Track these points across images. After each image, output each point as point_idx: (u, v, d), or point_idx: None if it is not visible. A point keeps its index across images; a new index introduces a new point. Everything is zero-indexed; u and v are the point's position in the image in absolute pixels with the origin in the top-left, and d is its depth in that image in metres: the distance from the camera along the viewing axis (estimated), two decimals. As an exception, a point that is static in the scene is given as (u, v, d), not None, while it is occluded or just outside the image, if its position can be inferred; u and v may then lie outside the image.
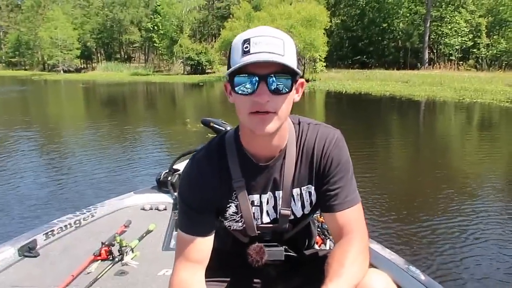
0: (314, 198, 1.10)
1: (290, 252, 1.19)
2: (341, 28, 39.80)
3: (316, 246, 1.89)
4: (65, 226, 2.42)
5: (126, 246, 2.15)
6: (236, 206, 1.08)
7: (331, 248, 1.33)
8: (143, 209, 2.80)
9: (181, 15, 40.78)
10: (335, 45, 37.20)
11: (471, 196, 4.92)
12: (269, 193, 1.08)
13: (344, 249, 0.99)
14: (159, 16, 41.98)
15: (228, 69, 0.94)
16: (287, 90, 0.92)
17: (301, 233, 1.22)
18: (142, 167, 6.42)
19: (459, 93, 17.58)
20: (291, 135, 1.07)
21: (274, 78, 0.90)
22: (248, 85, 0.90)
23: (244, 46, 0.90)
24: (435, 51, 34.48)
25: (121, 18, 51.71)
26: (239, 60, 0.90)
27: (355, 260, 0.97)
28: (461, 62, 32.15)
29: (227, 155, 1.06)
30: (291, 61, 0.90)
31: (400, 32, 36.50)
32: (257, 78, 0.89)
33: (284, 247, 1.16)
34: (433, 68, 31.20)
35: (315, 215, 1.34)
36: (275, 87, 0.90)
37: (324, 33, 25.52)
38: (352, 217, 1.04)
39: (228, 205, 1.08)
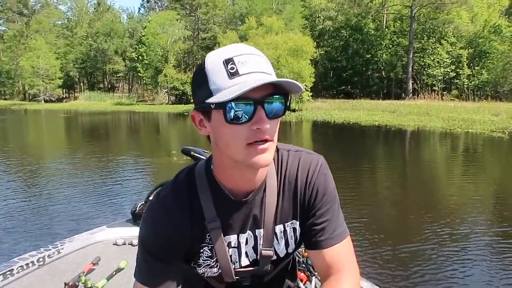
0: (299, 234, 0.98)
1: None
2: (325, 59, 40.30)
3: (301, 285, 1.81)
4: (27, 264, 2.16)
5: (91, 287, 2.00)
6: (211, 250, 0.93)
7: (317, 287, 1.20)
8: (116, 244, 2.55)
9: (166, 45, 40.82)
10: (320, 76, 37.47)
11: (462, 226, 4.96)
12: (248, 232, 0.95)
13: None
14: (144, 46, 41.95)
15: (203, 96, 0.80)
16: (282, 113, 0.82)
17: (282, 273, 1.09)
18: (119, 198, 6.23)
19: (447, 123, 17.54)
20: (271, 164, 0.93)
21: (270, 101, 0.79)
22: (245, 112, 0.78)
23: (229, 66, 0.77)
24: (418, 81, 34.99)
25: (105, 48, 51.47)
26: (227, 84, 0.77)
27: None
28: (444, 92, 32.64)
29: (198, 191, 0.92)
30: (275, 78, 0.78)
31: (383, 63, 37.07)
32: (252, 103, 0.77)
33: None
34: (417, 98, 31.57)
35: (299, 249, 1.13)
36: (272, 111, 0.80)
37: (310, 64, 25.61)
38: (341, 253, 0.93)
39: (202, 250, 0.93)
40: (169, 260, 0.90)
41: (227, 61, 0.78)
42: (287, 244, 0.98)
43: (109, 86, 57.50)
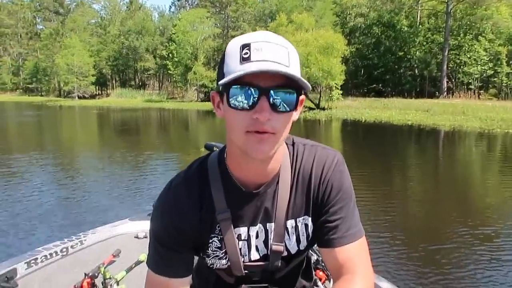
0: (311, 231, 0.95)
1: None
2: (356, 56, 39.49)
3: (320, 284, 1.78)
4: (50, 254, 2.19)
5: (110, 278, 2.01)
6: (220, 241, 0.92)
7: None
8: (137, 237, 2.54)
9: (195, 43, 41.13)
10: (350, 73, 36.73)
11: (495, 228, 4.69)
12: (259, 225, 0.93)
13: None
14: (174, 44, 42.42)
15: (220, 77, 0.80)
16: (290, 108, 0.79)
17: (295, 271, 1.06)
18: (143, 192, 6.34)
19: (485, 123, 16.79)
20: (286, 157, 0.92)
21: (277, 93, 0.76)
22: (247, 99, 0.76)
23: (243, 52, 0.76)
24: (453, 79, 33.81)
25: (136, 46, 52.41)
26: (236, 68, 0.76)
27: None
28: (481, 91, 31.40)
29: (210, 182, 0.91)
30: (296, 72, 0.77)
31: (417, 61, 35.99)
32: (258, 91, 0.75)
33: None
34: (452, 96, 30.54)
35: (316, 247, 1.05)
36: (278, 103, 0.77)
37: (341, 61, 25.13)
38: (354, 253, 0.89)
39: (211, 240, 0.92)
40: (179, 249, 0.90)
41: (244, 46, 0.77)
42: (298, 241, 0.95)
43: (140, 84, 58.55)
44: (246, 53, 0.76)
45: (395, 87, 36.74)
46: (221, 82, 0.77)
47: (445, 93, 32.30)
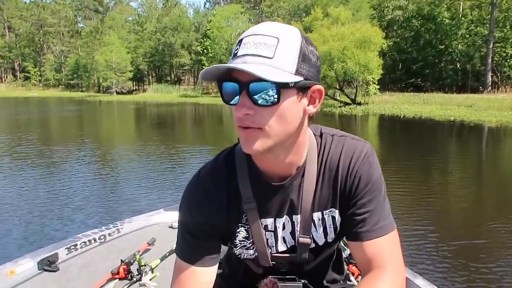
0: (338, 223, 0.93)
1: None
2: (394, 50, 38.32)
3: (352, 278, 1.77)
4: (89, 241, 2.31)
5: (145, 265, 2.09)
6: (247, 231, 0.93)
7: None
8: (171, 227, 2.62)
9: (230, 39, 41.23)
10: (388, 68, 35.67)
11: None
12: (286, 217, 0.92)
13: (370, 286, 0.81)
14: (208, 39, 42.80)
15: None
16: (271, 101, 0.75)
17: (325, 264, 1.05)
18: (178, 183, 6.51)
19: (536, 119, 15.78)
20: (312, 149, 0.90)
21: (256, 87, 0.74)
22: (232, 94, 0.78)
23: (236, 47, 0.78)
24: (498, 73, 32.17)
25: (172, 42, 53.25)
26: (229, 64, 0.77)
27: None
28: (529, 86, 29.73)
29: (237, 172, 0.91)
30: (282, 64, 0.74)
31: (459, 54, 34.48)
32: (238, 86, 0.76)
33: (303, 281, 0.99)
34: (497, 91, 28.98)
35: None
36: (257, 97, 0.75)
37: (378, 55, 24.42)
38: (384, 247, 0.86)
39: (238, 230, 0.93)
40: (206, 238, 0.91)
41: (238, 42, 0.78)
42: (325, 233, 0.94)
43: (176, 79, 59.54)
44: (236, 49, 0.77)
45: (435, 82, 35.37)
46: (206, 79, 0.79)
47: (490, 87, 30.73)
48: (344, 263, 1.73)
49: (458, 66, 35.46)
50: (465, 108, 20.55)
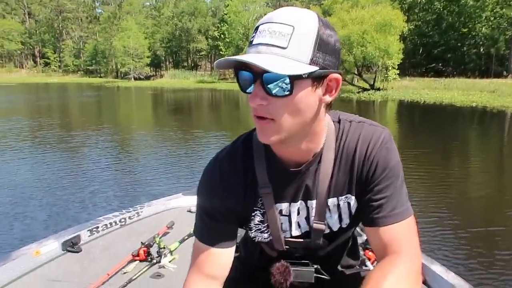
0: (354, 209, 0.93)
1: (323, 274, 1.01)
2: (414, 34, 37.42)
3: (368, 263, 1.80)
4: (110, 223, 2.41)
5: (164, 248, 2.14)
6: (262, 215, 0.94)
7: None
8: (189, 211, 2.70)
9: (247, 23, 40.89)
10: (408, 52, 34.94)
11: None
12: (301, 201, 0.93)
13: (385, 271, 0.80)
14: (226, 24, 42.53)
15: None
16: (286, 91, 0.74)
17: (340, 250, 1.06)
18: (196, 168, 6.57)
19: None
20: (330, 135, 0.90)
21: (271, 76, 0.73)
22: (248, 83, 0.77)
23: (253, 35, 0.77)
24: (524, 58, 31.13)
25: (189, 27, 53.14)
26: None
27: (398, 285, 0.77)
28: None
29: (254, 157, 0.92)
30: (296, 53, 0.73)
31: (483, 38, 33.48)
32: (252, 76, 0.75)
33: (316, 266, 1.00)
34: (522, 76, 28.14)
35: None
36: (272, 87, 0.74)
37: (398, 40, 23.89)
38: (400, 233, 0.85)
39: (253, 213, 0.94)
40: (223, 220, 0.92)
41: (255, 29, 0.77)
42: (340, 219, 0.94)
43: (193, 65, 59.59)
44: (253, 36, 0.76)
45: (457, 67, 34.51)
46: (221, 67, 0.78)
47: (514, 72, 29.87)
48: (360, 248, 1.73)
49: (482, 50, 34.46)
50: (488, 93, 20.05)
